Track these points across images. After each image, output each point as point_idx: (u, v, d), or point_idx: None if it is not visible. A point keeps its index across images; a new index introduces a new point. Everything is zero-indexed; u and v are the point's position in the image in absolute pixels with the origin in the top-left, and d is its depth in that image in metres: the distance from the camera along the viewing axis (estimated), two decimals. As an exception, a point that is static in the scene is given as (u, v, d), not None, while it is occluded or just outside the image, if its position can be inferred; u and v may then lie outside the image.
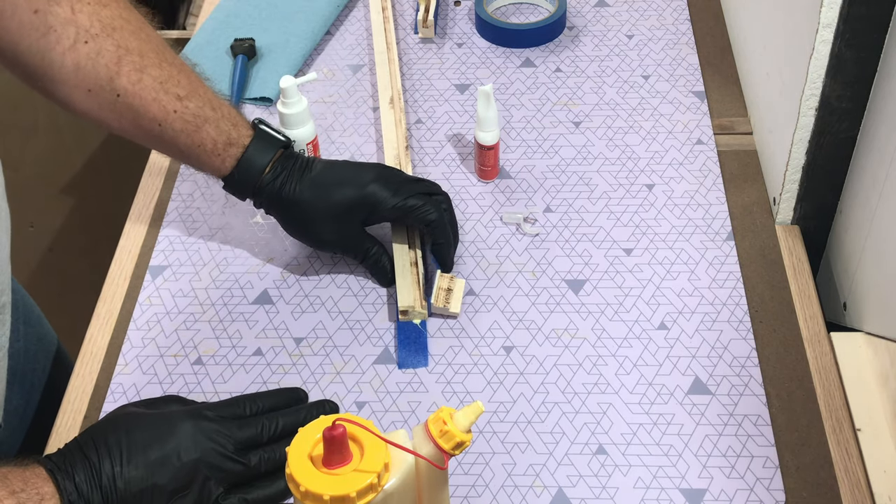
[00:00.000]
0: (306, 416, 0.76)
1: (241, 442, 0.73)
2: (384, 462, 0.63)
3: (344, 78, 1.15)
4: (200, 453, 0.71)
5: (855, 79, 0.85)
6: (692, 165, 1.02)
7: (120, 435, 0.71)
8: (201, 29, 1.20)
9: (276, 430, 0.75)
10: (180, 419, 0.73)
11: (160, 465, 0.70)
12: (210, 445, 0.72)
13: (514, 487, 0.78)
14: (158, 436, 0.71)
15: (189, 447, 0.71)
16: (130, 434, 0.71)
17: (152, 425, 0.72)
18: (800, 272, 0.92)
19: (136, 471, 0.70)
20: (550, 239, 0.96)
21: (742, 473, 0.78)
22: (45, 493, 0.67)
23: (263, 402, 0.77)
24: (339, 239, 0.91)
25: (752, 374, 0.84)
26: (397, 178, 0.91)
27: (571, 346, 0.87)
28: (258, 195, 0.89)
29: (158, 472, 0.70)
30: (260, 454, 0.74)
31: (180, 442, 0.71)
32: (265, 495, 0.73)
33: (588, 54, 1.15)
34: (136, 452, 0.70)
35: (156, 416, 0.73)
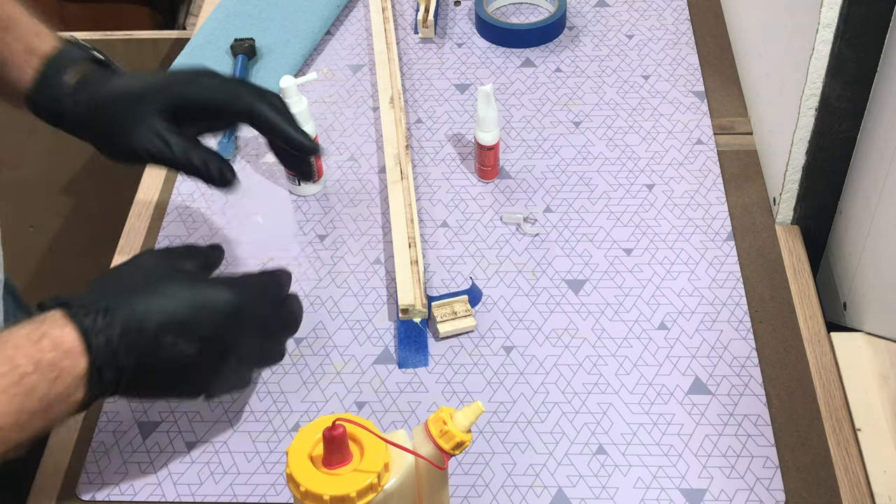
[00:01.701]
0: None
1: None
2: (384, 462, 0.63)
3: (344, 78, 1.15)
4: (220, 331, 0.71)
5: (855, 79, 0.85)
6: (692, 165, 1.02)
7: (134, 279, 0.71)
8: (201, 29, 1.20)
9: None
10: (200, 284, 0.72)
11: (183, 305, 0.70)
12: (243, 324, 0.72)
13: (514, 487, 0.78)
14: (175, 290, 0.71)
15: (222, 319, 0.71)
16: (149, 282, 0.71)
17: (166, 276, 0.72)
18: (800, 272, 0.92)
19: (154, 303, 0.69)
20: (550, 239, 0.96)
21: (742, 473, 0.78)
22: (64, 335, 0.66)
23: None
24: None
25: (752, 374, 0.84)
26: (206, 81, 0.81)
27: (571, 346, 0.87)
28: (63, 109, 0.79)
29: (177, 309, 0.69)
30: None
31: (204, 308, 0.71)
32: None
33: (588, 54, 1.15)
34: (153, 294, 0.69)
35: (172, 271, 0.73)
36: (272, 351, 0.77)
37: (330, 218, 0.99)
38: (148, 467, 0.81)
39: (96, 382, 0.67)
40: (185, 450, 0.82)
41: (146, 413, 0.84)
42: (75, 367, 0.65)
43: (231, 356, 0.72)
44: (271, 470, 0.80)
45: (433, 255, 0.95)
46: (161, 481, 0.80)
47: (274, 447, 0.82)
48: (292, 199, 1.01)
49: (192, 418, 0.84)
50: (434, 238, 0.97)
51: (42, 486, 0.81)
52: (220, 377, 0.73)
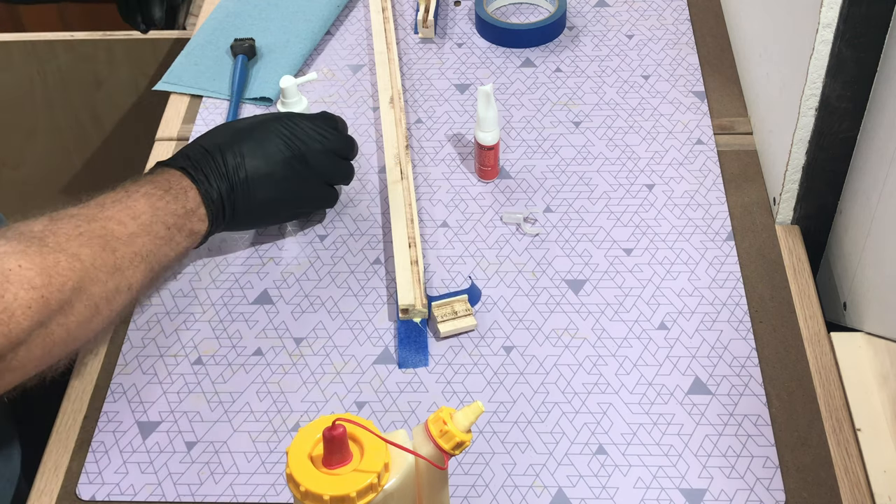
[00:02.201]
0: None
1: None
2: (384, 462, 0.63)
3: (344, 78, 1.15)
4: (303, 147, 0.91)
5: (855, 79, 0.85)
6: (692, 165, 1.02)
7: (234, 139, 0.89)
8: (201, 29, 1.20)
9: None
10: (279, 120, 0.92)
11: (272, 157, 0.89)
12: (314, 140, 0.92)
13: (514, 487, 0.78)
14: (265, 134, 0.91)
15: (293, 141, 0.91)
16: (240, 134, 0.90)
17: (255, 127, 0.91)
18: (800, 272, 0.92)
19: (253, 161, 0.88)
20: (550, 239, 0.96)
21: (742, 473, 0.78)
22: (185, 185, 0.85)
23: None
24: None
25: (752, 374, 0.84)
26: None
27: (571, 346, 0.87)
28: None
29: (270, 162, 0.89)
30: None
31: (284, 137, 0.91)
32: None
33: (588, 54, 1.15)
34: (252, 149, 0.89)
35: (256, 123, 0.92)
36: (339, 164, 0.94)
37: (330, 218, 0.99)
38: (148, 467, 0.81)
39: (210, 206, 0.86)
40: (185, 450, 0.82)
41: (146, 413, 0.84)
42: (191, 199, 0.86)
43: (301, 168, 0.91)
44: (271, 470, 0.80)
45: (433, 255, 0.95)
46: (161, 481, 0.80)
47: (274, 447, 0.82)
48: (292, 199, 1.01)
49: (192, 418, 0.84)
50: (434, 238, 0.97)
51: (42, 486, 0.81)
52: (303, 191, 0.93)
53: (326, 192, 0.95)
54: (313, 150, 0.91)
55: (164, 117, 1.12)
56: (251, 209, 0.89)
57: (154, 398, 0.85)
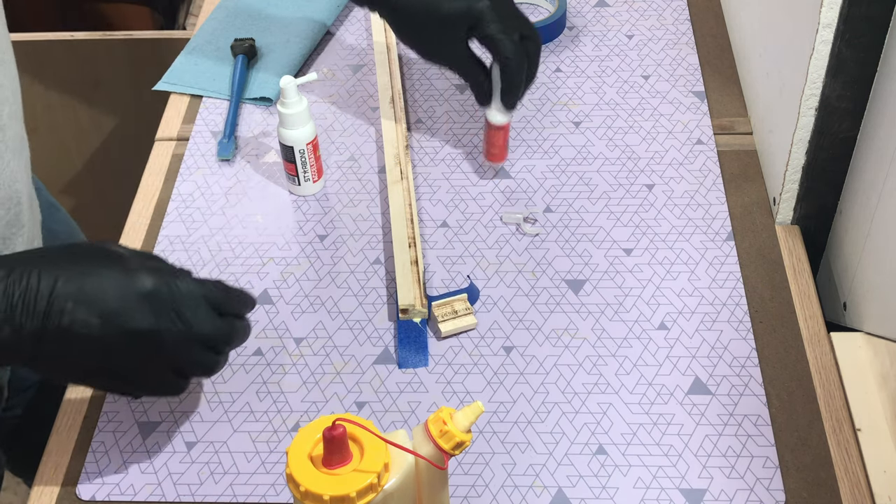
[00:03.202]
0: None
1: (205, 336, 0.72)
2: (384, 462, 0.63)
3: (344, 78, 1.15)
4: (160, 325, 0.69)
5: (855, 79, 0.85)
6: (692, 165, 1.02)
7: (78, 268, 0.68)
8: (201, 29, 1.20)
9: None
10: (153, 276, 0.70)
11: (113, 322, 0.68)
12: (175, 322, 0.70)
13: (514, 487, 0.78)
14: (120, 289, 0.68)
15: (151, 312, 0.69)
16: (91, 273, 0.68)
17: (118, 276, 0.69)
18: (800, 272, 0.92)
19: (85, 315, 0.67)
20: (550, 239, 0.96)
21: (742, 473, 0.78)
22: None
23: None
24: (440, 50, 0.96)
25: (752, 374, 0.84)
26: (507, 8, 0.93)
27: (571, 346, 0.87)
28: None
29: (108, 327, 0.68)
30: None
31: (142, 301, 0.69)
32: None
33: (588, 54, 1.15)
34: (91, 296, 0.67)
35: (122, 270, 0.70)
36: (199, 355, 0.73)
37: (330, 218, 0.99)
38: (148, 467, 0.81)
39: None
40: (185, 450, 0.82)
41: (146, 413, 0.84)
42: None
43: (147, 346, 0.70)
44: (271, 470, 0.80)
45: (433, 255, 0.95)
46: (161, 481, 0.80)
47: (274, 447, 0.82)
48: (292, 199, 1.01)
49: (192, 418, 0.84)
50: (434, 238, 0.97)
51: (42, 486, 0.81)
52: (139, 371, 0.71)
53: (167, 382, 0.74)
54: (173, 334, 0.70)
55: (164, 117, 1.12)
56: (53, 366, 0.70)
57: (154, 398, 0.85)
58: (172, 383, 0.74)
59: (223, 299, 0.74)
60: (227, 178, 1.04)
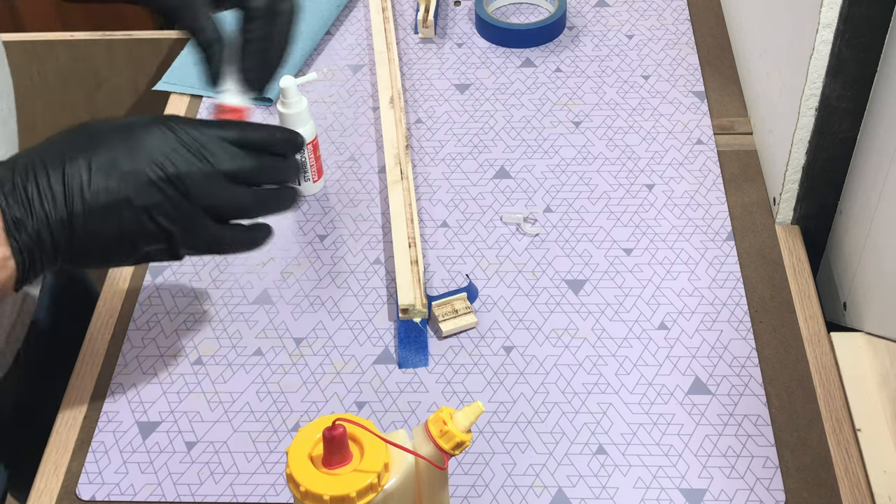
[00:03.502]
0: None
1: (227, 172, 0.66)
2: (384, 462, 0.63)
3: (344, 78, 1.15)
4: (179, 167, 0.64)
5: (855, 79, 0.85)
6: (692, 165, 1.02)
7: (82, 148, 0.63)
8: (201, 29, 1.20)
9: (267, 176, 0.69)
10: (152, 125, 0.65)
11: (132, 177, 0.63)
12: (194, 161, 0.64)
13: (514, 487, 0.78)
14: (127, 143, 0.64)
15: (166, 157, 0.64)
16: (94, 141, 0.64)
17: (117, 132, 0.65)
18: (800, 272, 0.92)
19: (103, 180, 0.62)
20: (550, 239, 0.96)
21: (742, 473, 0.78)
22: None
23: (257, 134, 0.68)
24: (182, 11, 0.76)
25: (752, 374, 0.84)
26: None
27: (571, 346, 0.87)
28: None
29: (129, 184, 0.63)
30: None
31: (154, 150, 0.64)
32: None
33: (588, 54, 1.15)
34: (102, 161, 0.63)
35: (120, 125, 0.65)
36: (231, 192, 0.67)
37: (330, 218, 0.99)
38: (148, 467, 0.81)
39: (23, 236, 0.62)
40: (185, 450, 0.82)
41: (146, 413, 0.84)
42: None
43: (173, 192, 0.65)
44: (271, 470, 0.80)
45: (433, 255, 0.95)
46: (161, 481, 0.80)
47: (274, 447, 0.82)
48: (292, 199, 1.01)
49: (192, 418, 0.84)
50: (434, 238, 0.97)
51: (42, 486, 0.81)
52: (175, 223, 0.66)
53: (208, 233, 0.68)
54: (195, 170, 0.65)
55: (164, 117, 1.12)
56: (92, 247, 0.65)
57: (154, 398, 0.85)
58: (214, 232, 0.68)
59: (248, 136, 0.68)
60: (227, 178, 1.04)
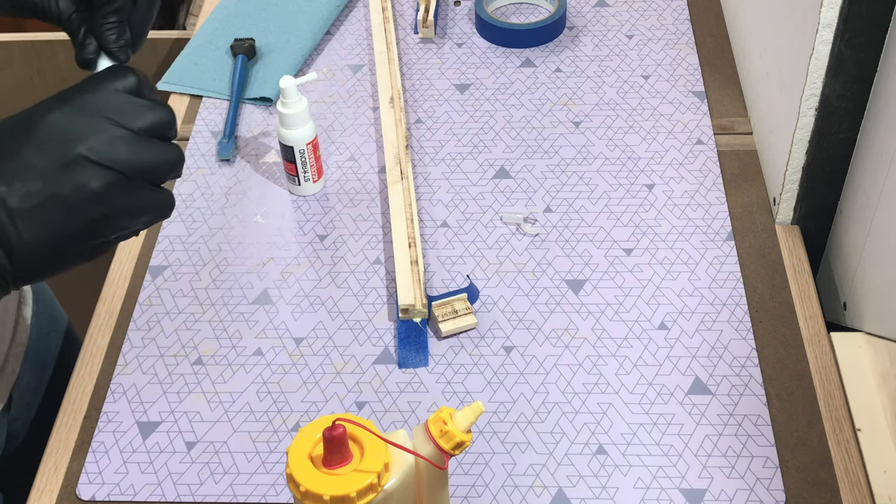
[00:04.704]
0: None
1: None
2: (384, 462, 0.63)
3: (344, 78, 1.15)
4: (95, 143, 0.58)
5: (855, 79, 0.85)
6: (692, 165, 1.02)
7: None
8: (201, 29, 1.20)
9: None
10: (47, 111, 0.59)
11: (51, 169, 0.57)
12: (107, 129, 0.58)
13: (514, 487, 0.78)
14: (32, 137, 0.59)
15: (79, 139, 0.58)
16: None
17: (19, 129, 0.59)
18: (800, 272, 0.92)
19: (24, 185, 0.57)
20: (550, 239, 0.96)
21: (742, 473, 0.78)
22: None
23: None
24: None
25: (752, 374, 0.84)
26: None
27: (571, 346, 0.87)
28: None
29: (50, 178, 0.57)
30: None
31: (64, 133, 0.58)
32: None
33: (588, 54, 1.15)
34: (13, 165, 0.57)
35: (17, 121, 0.60)
36: (144, 199, 0.61)
37: (330, 218, 0.99)
38: (148, 467, 0.81)
39: None
40: (185, 450, 0.82)
41: (146, 413, 0.84)
42: None
43: (98, 162, 0.59)
44: (271, 470, 0.80)
45: (433, 255, 0.95)
46: (161, 481, 0.80)
47: (274, 447, 0.82)
48: (292, 199, 1.01)
49: (192, 418, 0.84)
50: (434, 238, 0.97)
51: (42, 486, 0.81)
52: (117, 199, 0.60)
53: (150, 197, 0.62)
54: (114, 143, 0.59)
55: (164, 117, 1.12)
56: (42, 255, 0.59)
57: (154, 398, 0.85)
58: (154, 197, 0.62)
59: (144, 86, 0.62)
60: (227, 178, 1.04)
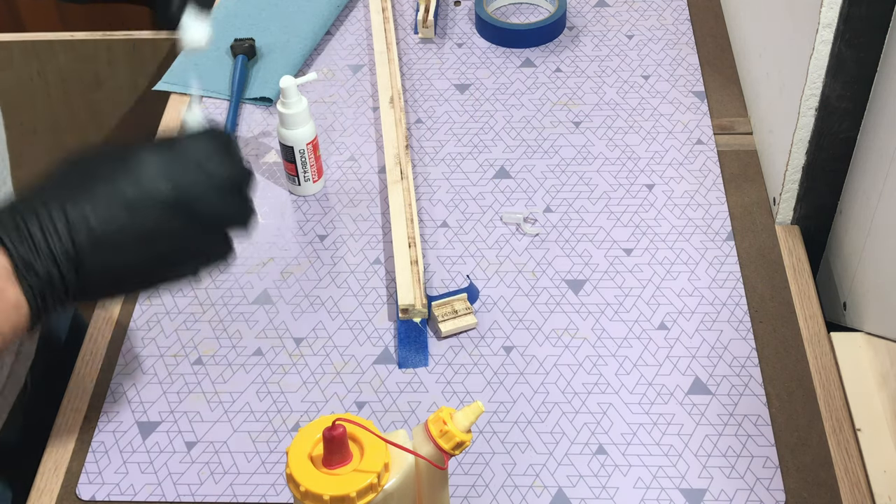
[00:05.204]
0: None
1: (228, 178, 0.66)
2: (384, 462, 0.63)
3: (344, 78, 1.15)
4: (181, 186, 0.63)
5: (855, 79, 0.85)
6: (692, 165, 1.02)
7: (77, 178, 0.62)
8: (201, 29, 1.20)
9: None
10: (142, 150, 0.64)
11: (136, 204, 0.62)
12: (192, 175, 0.64)
13: (514, 487, 0.78)
14: (125, 170, 0.63)
15: (165, 178, 0.63)
16: (91, 174, 0.63)
17: (112, 161, 0.64)
18: (800, 272, 0.92)
19: (105, 209, 0.61)
20: (550, 239, 0.96)
21: (742, 473, 0.78)
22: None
23: None
24: None
25: (752, 374, 0.84)
26: None
27: (571, 346, 0.87)
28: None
29: (133, 212, 0.62)
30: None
31: (151, 174, 0.63)
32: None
33: (588, 54, 1.15)
34: (103, 194, 0.61)
35: (114, 154, 0.64)
36: (231, 202, 0.67)
37: (330, 218, 0.99)
38: (148, 467, 0.81)
39: (33, 277, 0.60)
40: (185, 450, 0.82)
41: (146, 413, 0.84)
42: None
43: (179, 209, 0.64)
44: (271, 470, 0.80)
45: (433, 255, 0.95)
46: (161, 481, 0.80)
47: (274, 447, 0.82)
48: (292, 199, 1.01)
49: (192, 418, 0.84)
50: (434, 238, 0.97)
51: (42, 486, 0.81)
52: (185, 242, 0.66)
53: (218, 244, 0.68)
54: (199, 186, 0.65)
55: (164, 117, 1.12)
56: (103, 280, 0.64)
57: (154, 398, 0.85)
58: (221, 244, 0.68)
59: (219, 140, 0.68)
60: (227, 178, 1.04)
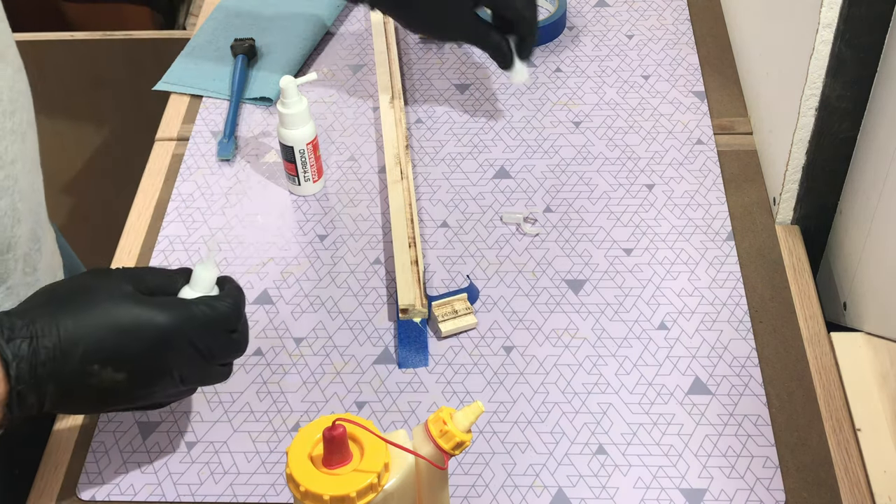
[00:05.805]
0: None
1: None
2: (384, 462, 0.63)
3: (344, 78, 1.15)
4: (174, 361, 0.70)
5: (855, 79, 0.85)
6: (692, 165, 1.02)
7: (71, 298, 0.68)
8: (201, 29, 1.20)
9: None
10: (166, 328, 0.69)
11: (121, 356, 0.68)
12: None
13: (514, 487, 0.78)
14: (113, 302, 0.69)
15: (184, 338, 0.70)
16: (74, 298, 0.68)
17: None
18: (800, 272, 0.92)
19: (83, 328, 0.67)
20: (550, 239, 0.96)
21: (742, 473, 0.78)
22: None
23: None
24: (452, 25, 1.00)
25: (752, 374, 0.84)
26: None
27: (571, 346, 0.87)
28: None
29: (106, 335, 0.67)
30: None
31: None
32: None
33: (588, 54, 1.15)
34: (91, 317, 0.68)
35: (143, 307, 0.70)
36: (213, 372, 0.74)
37: (330, 218, 0.99)
38: (148, 467, 0.81)
39: (16, 406, 0.66)
40: (185, 450, 0.82)
41: (146, 413, 0.84)
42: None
43: (165, 378, 0.70)
44: (271, 470, 0.80)
45: (433, 255, 0.95)
46: (161, 481, 0.80)
47: (274, 447, 0.82)
48: (292, 199, 1.01)
49: (192, 418, 0.84)
50: (434, 238, 0.97)
51: (42, 486, 0.81)
52: (155, 395, 0.72)
53: (212, 376, 0.74)
54: (190, 363, 0.71)
55: (164, 117, 1.12)
56: (81, 408, 0.75)
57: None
58: (184, 393, 0.75)
59: (233, 316, 0.73)
60: (227, 178, 1.04)
